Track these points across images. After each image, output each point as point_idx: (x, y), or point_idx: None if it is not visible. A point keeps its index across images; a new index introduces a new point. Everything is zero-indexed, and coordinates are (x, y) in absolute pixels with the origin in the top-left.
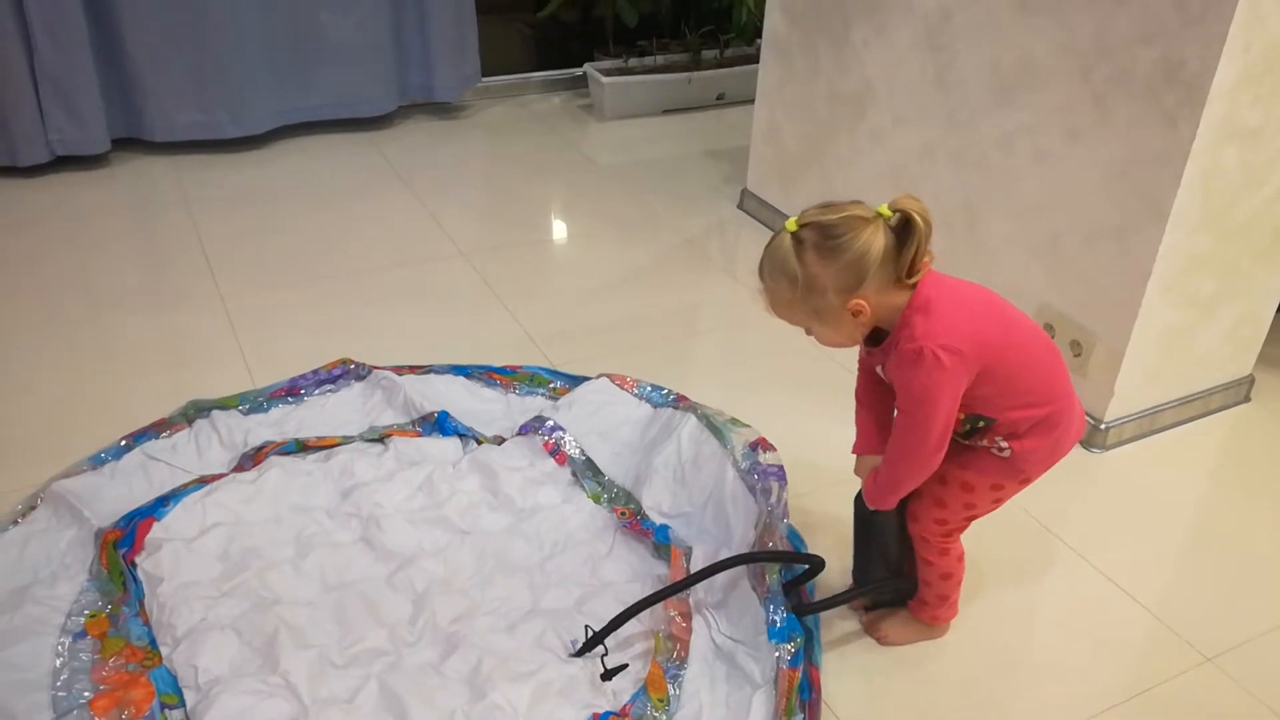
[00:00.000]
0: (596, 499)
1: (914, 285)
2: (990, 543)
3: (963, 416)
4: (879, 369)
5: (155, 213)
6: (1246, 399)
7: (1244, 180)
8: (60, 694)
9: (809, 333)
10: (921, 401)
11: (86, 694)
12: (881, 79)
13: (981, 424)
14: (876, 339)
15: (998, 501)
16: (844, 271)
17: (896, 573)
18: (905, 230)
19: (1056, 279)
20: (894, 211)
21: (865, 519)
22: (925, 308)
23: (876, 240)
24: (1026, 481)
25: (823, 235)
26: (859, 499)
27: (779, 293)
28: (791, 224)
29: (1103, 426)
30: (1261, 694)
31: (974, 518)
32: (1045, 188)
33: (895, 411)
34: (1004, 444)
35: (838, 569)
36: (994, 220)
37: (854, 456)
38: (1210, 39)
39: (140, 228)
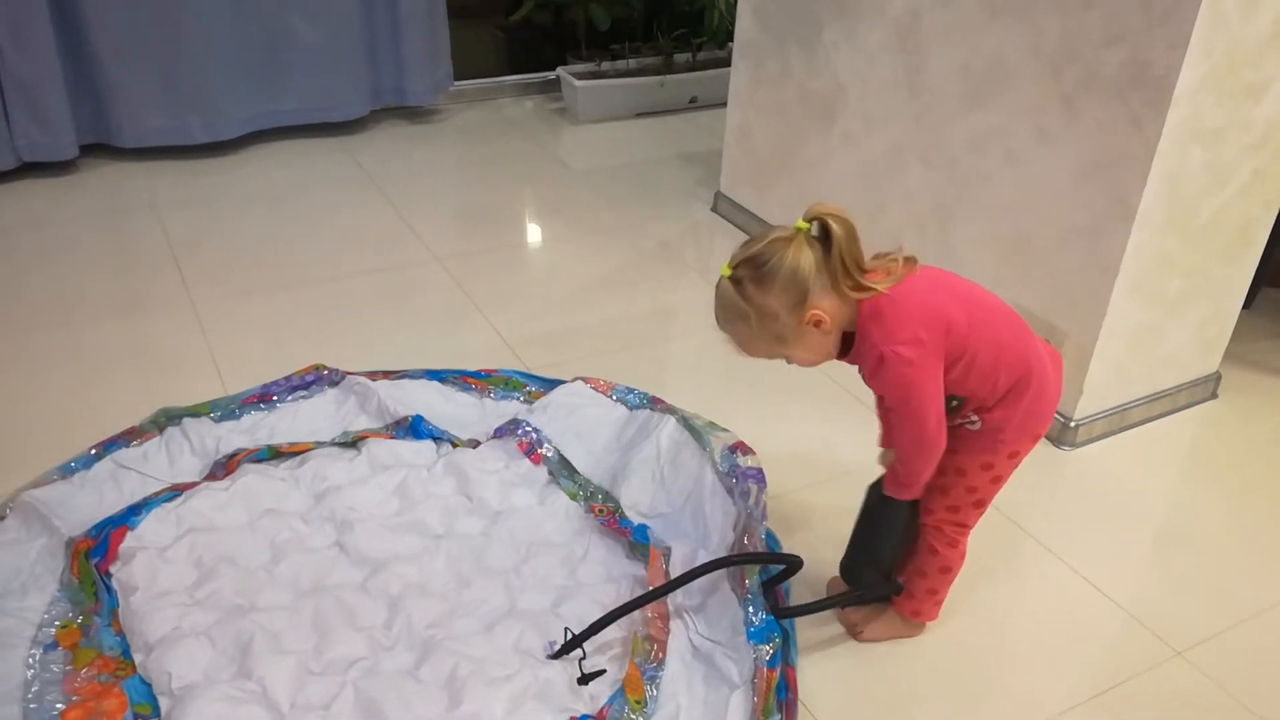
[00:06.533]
0: (574, 497)
1: (868, 288)
2: None
3: None
4: (860, 373)
5: (125, 219)
6: (1214, 395)
7: (1209, 181)
8: (32, 706)
9: (789, 361)
10: (906, 399)
11: (59, 705)
12: (852, 81)
13: (955, 403)
14: (847, 347)
15: (996, 480)
16: (785, 291)
17: (885, 572)
18: (826, 237)
19: (1026, 279)
20: (810, 221)
21: (874, 510)
22: (876, 313)
23: (802, 254)
24: (1015, 455)
25: (754, 267)
26: (874, 487)
27: (740, 333)
28: (725, 269)
29: (1072, 424)
30: (1230, 686)
31: (981, 502)
32: (1015, 188)
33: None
34: (974, 417)
35: (814, 569)
36: (965, 221)
37: (828, 457)
38: (1175, 41)
39: (110, 234)
